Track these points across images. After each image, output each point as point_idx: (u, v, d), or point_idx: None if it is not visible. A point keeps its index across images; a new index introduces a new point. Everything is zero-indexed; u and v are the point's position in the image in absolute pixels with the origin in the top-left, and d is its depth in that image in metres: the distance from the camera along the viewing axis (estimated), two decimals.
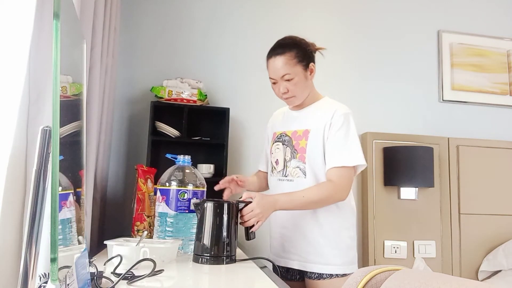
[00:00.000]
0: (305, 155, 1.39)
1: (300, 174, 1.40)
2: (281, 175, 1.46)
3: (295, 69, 1.36)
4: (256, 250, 2.04)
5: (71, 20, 0.69)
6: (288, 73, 1.35)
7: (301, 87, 1.39)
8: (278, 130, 1.53)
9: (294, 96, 1.40)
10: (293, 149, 1.43)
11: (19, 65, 0.97)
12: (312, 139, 1.38)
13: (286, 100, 1.43)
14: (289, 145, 1.45)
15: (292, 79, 1.36)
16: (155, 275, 0.96)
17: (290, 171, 1.43)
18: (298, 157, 1.41)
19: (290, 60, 1.36)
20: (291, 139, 1.45)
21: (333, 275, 1.33)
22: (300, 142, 1.42)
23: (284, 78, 1.36)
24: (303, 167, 1.39)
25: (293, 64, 1.36)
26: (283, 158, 1.46)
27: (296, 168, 1.41)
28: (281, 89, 1.38)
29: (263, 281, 0.99)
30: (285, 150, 1.46)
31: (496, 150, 2.50)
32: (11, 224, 0.91)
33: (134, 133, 2.24)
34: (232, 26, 2.45)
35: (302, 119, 1.45)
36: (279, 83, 1.38)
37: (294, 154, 1.42)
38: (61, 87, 0.54)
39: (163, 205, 1.35)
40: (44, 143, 0.57)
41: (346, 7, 2.62)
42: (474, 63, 2.71)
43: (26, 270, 0.55)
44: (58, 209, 0.51)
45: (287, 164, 1.44)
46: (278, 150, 1.48)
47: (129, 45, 2.30)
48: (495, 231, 2.39)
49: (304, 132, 1.42)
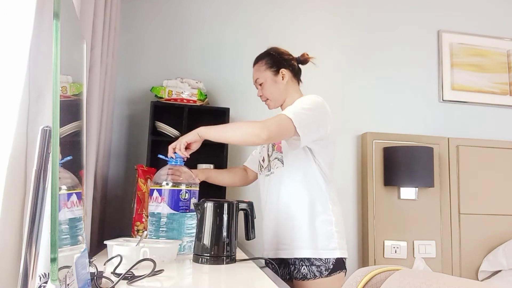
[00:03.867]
0: (281, 144, 1.49)
1: (278, 164, 1.48)
2: (266, 170, 1.55)
3: (264, 74, 1.55)
4: (256, 250, 2.04)
5: (71, 20, 0.69)
6: (258, 78, 1.56)
7: (272, 90, 1.54)
8: None
9: (268, 99, 1.56)
10: (273, 144, 1.53)
11: (19, 65, 0.97)
12: None
13: (265, 103, 1.60)
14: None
15: (262, 83, 1.55)
16: (155, 275, 0.96)
17: (271, 164, 1.53)
18: (276, 148, 1.51)
19: (260, 66, 1.57)
20: None
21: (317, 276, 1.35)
22: None
23: (257, 82, 1.58)
24: (280, 156, 1.48)
25: (262, 70, 1.56)
26: (266, 154, 1.57)
27: (275, 160, 1.51)
28: (258, 93, 1.60)
29: (263, 281, 0.99)
30: (268, 146, 1.57)
31: (496, 150, 2.50)
32: (11, 224, 0.91)
33: (134, 133, 2.24)
34: (232, 26, 2.45)
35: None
36: (257, 89, 1.60)
37: (273, 147, 1.53)
38: (61, 87, 0.54)
39: (155, 204, 1.34)
40: (44, 143, 0.57)
41: (346, 8, 2.62)
42: (474, 63, 2.71)
43: (26, 270, 0.55)
44: (58, 209, 0.51)
45: (270, 158, 1.54)
46: (263, 148, 1.61)
47: (129, 45, 2.29)
48: (495, 231, 2.40)
49: None
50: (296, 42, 2.44)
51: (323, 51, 2.51)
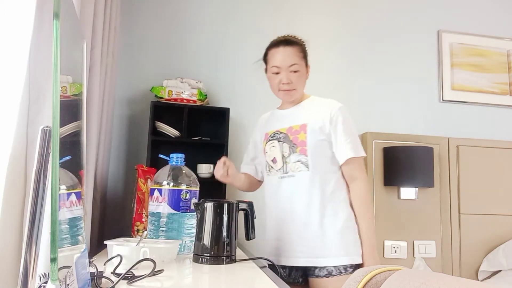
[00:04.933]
0: (306, 147, 1.38)
1: (302, 167, 1.38)
2: (281, 172, 1.43)
3: (301, 63, 1.42)
4: (256, 250, 2.04)
5: (71, 20, 0.69)
6: (296, 64, 1.39)
7: (302, 82, 1.44)
8: (269, 129, 1.52)
9: (295, 89, 1.42)
10: (292, 144, 1.41)
11: (19, 65, 0.97)
12: (312, 131, 1.39)
13: (284, 92, 1.43)
14: (286, 141, 1.43)
15: (298, 71, 1.40)
16: (155, 275, 0.96)
17: (291, 167, 1.41)
18: (298, 151, 1.39)
19: (299, 52, 1.42)
20: (286, 135, 1.44)
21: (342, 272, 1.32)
22: (298, 136, 1.41)
23: (291, 68, 1.39)
24: (305, 160, 1.38)
25: (300, 57, 1.42)
26: (280, 154, 1.44)
27: (297, 163, 1.39)
28: (284, 79, 1.39)
29: (263, 281, 0.99)
30: (281, 146, 1.44)
31: (496, 150, 2.50)
32: (11, 224, 0.91)
33: (134, 133, 2.24)
34: (232, 26, 2.45)
35: (295, 115, 1.46)
36: (283, 73, 1.39)
37: (293, 149, 1.41)
38: (61, 87, 0.54)
39: (156, 204, 1.34)
40: (44, 143, 0.57)
41: (346, 8, 2.62)
42: (474, 63, 2.71)
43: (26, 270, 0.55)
44: (58, 209, 0.51)
45: (286, 160, 1.42)
46: (274, 147, 1.46)
47: (129, 45, 2.29)
48: (495, 231, 2.39)
49: (302, 126, 1.41)
50: None
51: (324, 52, 2.51)
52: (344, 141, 1.38)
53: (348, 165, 1.39)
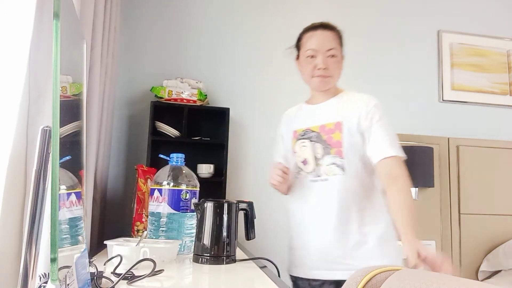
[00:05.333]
0: (342, 149, 1.25)
1: (337, 171, 1.25)
2: (313, 175, 1.29)
3: (339, 49, 1.32)
4: (256, 250, 2.04)
5: (71, 20, 0.69)
6: (335, 48, 1.29)
7: (338, 70, 1.33)
8: (298, 127, 1.37)
9: (331, 76, 1.30)
10: (326, 144, 1.28)
11: (19, 65, 0.97)
12: (348, 131, 1.26)
13: (319, 78, 1.29)
14: (319, 140, 1.29)
15: (336, 56, 1.30)
16: (155, 275, 0.96)
17: (324, 170, 1.28)
18: (333, 152, 1.27)
19: (337, 38, 1.33)
20: (319, 134, 1.30)
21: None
22: (333, 135, 1.28)
23: (329, 52, 1.28)
24: (340, 162, 1.25)
25: (338, 43, 1.32)
26: (312, 156, 1.30)
27: (331, 165, 1.26)
28: (320, 63, 1.27)
29: (263, 281, 0.99)
30: (313, 146, 1.30)
31: (496, 150, 2.50)
32: (11, 224, 0.91)
33: (134, 133, 2.24)
34: (232, 26, 2.45)
35: (328, 111, 1.32)
36: (319, 57, 1.28)
37: (327, 150, 1.28)
38: (61, 87, 0.54)
39: (156, 204, 1.34)
40: (44, 143, 0.57)
41: (345, 8, 2.62)
42: (474, 63, 2.71)
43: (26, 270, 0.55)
44: (58, 209, 0.51)
45: (319, 162, 1.28)
46: (305, 148, 1.32)
47: (129, 45, 2.29)
48: (495, 231, 2.39)
49: (336, 124, 1.28)
50: None
51: None
52: (381, 138, 1.24)
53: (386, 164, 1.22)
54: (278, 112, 2.40)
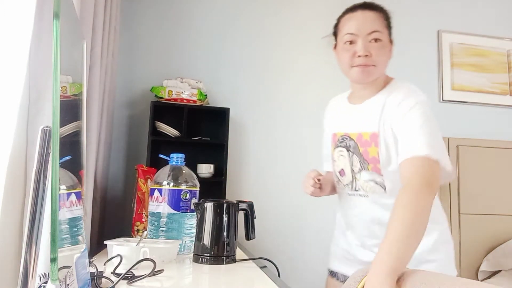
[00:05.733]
0: (380, 166, 1.07)
1: (377, 188, 1.09)
2: (350, 188, 1.16)
3: (385, 32, 1.08)
4: (256, 250, 2.04)
5: (71, 20, 0.69)
6: (379, 31, 1.06)
7: (385, 57, 1.09)
8: (338, 130, 1.20)
9: (374, 65, 1.07)
10: (362, 159, 1.11)
11: (19, 65, 0.97)
12: (385, 144, 1.07)
13: (360, 68, 1.07)
14: (356, 153, 1.13)
15: (381, 40, 1.06)
16: (155, 275, 0.96)
17: (361, 185, 1.13)
18: (371, 169, 1.10)
19: (382, 19, 1.09)
20: (356, 144, 1.13)
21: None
22: (369, 150, 1.10)
23: (371, 35, 1.05)
24: (380, 180, 1.08)
25: (384, 25, 1.09)
26: (350, 168, 1.15)
27: (370, 182, 1.10)
28: (360, 49, 1.05)
29: (263, 281, 0.99)
30: (351, 158, 1.14)
31: (496, 150, 2.50)
32: (11, 224, 0.91)
33: (134, 133, 2.24)
34: (232, 26, 2.45)
35: (367, 116, 1.12)
36: (359, 42, 1.06)
37: (364, 165, 1.11)
38: (61, 87, 0.54)
39: (156, 204, 1.34)
40: (44, 143, 0.57)
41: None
42: (474, 63, 2.71)
43: (26, 270, 0.55)
44: (58, 209, 0.51)
45: (356, 176, 1.14)
46: (343, 157, 1.17)
47: (129, 45, 2.29)
48: (495, 231, 2.39)
49: (372, 137, 1.09)
50: (296, 42, 2.44)
51: (324, 52, 2.51)
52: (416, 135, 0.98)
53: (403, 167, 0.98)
54: (278, 112, 2.41)
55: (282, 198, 2.33)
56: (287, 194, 2.32)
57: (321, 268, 2.30)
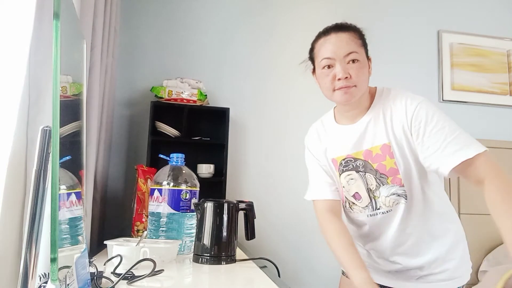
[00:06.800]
0: (400, 176, 1.08)
1: (399, 200, 1.10)
2: (370, 210, 1.14)
3: (361, 51, 1.08)
4: (256, 250, 2.04)
5: (71, 20, 0.69)
6: (356, 52, 1.05)
7: (365, 76, 1.09)
8: (336, 154, 1.17)
9: (355, 85, 1.06)
10: (378, 174, 1.10)
11: (19, 65, 0.97)
12: (400, 152, 1.07)
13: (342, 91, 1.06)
14: (368, 170, 1.11)
15: (358, 60, 1.06)
16: (155, 275, 0.96)
17: (383, 202, 1.11)
18: (390, 181, 1.09)
19: (356, 39, 1.08)
20: (366, 162, 1.11)
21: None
22: (384, 163, 1.09)
23: (348, 57, 1.05)
24: (401, 191, 1.09)
25: (359, 44, 1.08)
26: (365, 189, 1.13)
27: (391, 196, 1.10)
28: (340, 73, 1.04)
29: (263, 281, 0.99)
30: (364, 178, 1.12)
31: (496, 150, 2.50)
32: (11, 224, 0.91)
33: (134, 133, 2.24)
34: (232, 25, 2.45)
35: (368, 132, 1.11)
36: (337, 66, 1.05)
37: (382, 180, 1.10)
38: (61, 87, 0.54)
39: (156, 204, 1.35)
40: (44, 143, 0.57)
41: (345, 8, 2.62)
42: (474, 63, 2.71)
43: (26, 270, 0.55)
44: (58, 209, 0.51)
45: (374, 194, 1.12)
46: (354, 181, 1.14)
47: (129, 45, 2.30)
48: (495, 231, 2.38)
49: (384, 148, 1.08)
50: (296, 42, 2.44)
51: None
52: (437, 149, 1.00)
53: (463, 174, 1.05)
54: (278, 112, 2.41)
55: (282, 198, 2.33)
56: (287, 194, 2.33)
57: (321, 268, 2.31)
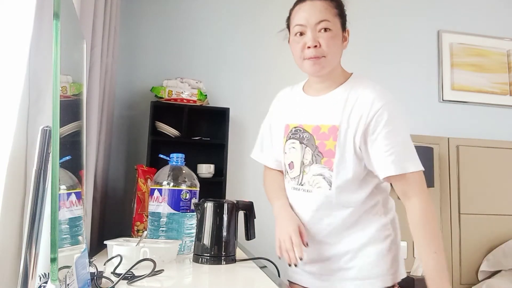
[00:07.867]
0: (334, 159, 1.05)
1: (322, 184, 1.07)
2: (295, 183, 1.13)
3: (334, 20, 1.05)
4: (256, 250, 2.04)
5: (71, 20, 0.69)
6: (328, 20, 1.03)
7: (336, 48, 1.06)
8: (291, 121, 1.16)
9: (324, 56, 1.03)
10: (316, 151, 1.08)
11: (19, 65, 0.97)
12: (344, 139, 1.05)
13: (310, 61, 1.04)
14: (310, 145, 1.10)
15: (330, 30, 1.03)
16: (155, 275, 0.96)
17: (308, 179, 1.10)
18: (323, 162, 1.07)
19: (331, 8, 1.06)
20: (312, 136, 1.10)
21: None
22: (326, 142, 1.07)
23: (319, 25, 1.02)
24: (328, 175, 1.06)
25: (333, 13, 1.06)
26: (300, 161, 1.11)
27: (317, 176, 1.08)
28: (310, 41, 1.02)
29: (263, 281, 0.99)
30: (303, 151, 1.11)
31: (496, 150, 2.50)
32: (11, 224, 0.91)
33: (134, 133, 2.24)
34: (232, 26, 2.45)
35: (326, 109, 1.09)
36: (309, 33, 1.03)
37: (317, 158, 1.08)
38: (61, 87, 0.54)
39: (156, 204, 1.34)
40: (44, 143, 0.57)
41: (346, 8, 2.62)
42: (474, 63, 2.71)
43: (26, 270, 0.55)
44: (58, 209, 0.51)
45: (304, 169, 1.10)
46: (294, 150, 1.13)
47: (129, 45, 2.29)
48: (495, 231, 2.39)
49: (331, 129, 1.07)
50: None
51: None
52: (384, 152, 1.02)
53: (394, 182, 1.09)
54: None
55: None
56: None
57: None
